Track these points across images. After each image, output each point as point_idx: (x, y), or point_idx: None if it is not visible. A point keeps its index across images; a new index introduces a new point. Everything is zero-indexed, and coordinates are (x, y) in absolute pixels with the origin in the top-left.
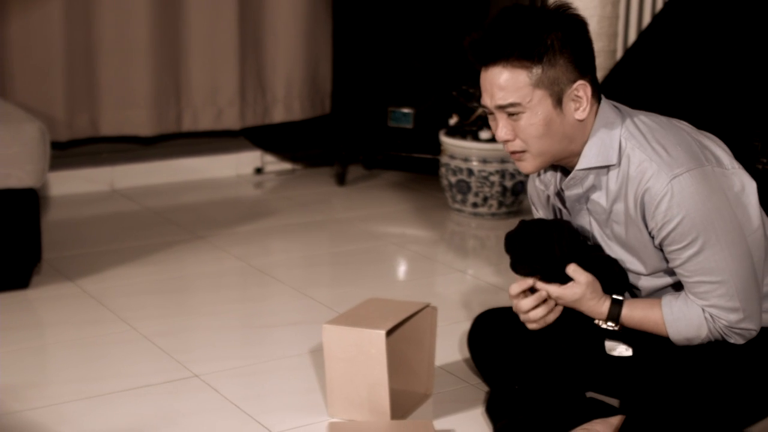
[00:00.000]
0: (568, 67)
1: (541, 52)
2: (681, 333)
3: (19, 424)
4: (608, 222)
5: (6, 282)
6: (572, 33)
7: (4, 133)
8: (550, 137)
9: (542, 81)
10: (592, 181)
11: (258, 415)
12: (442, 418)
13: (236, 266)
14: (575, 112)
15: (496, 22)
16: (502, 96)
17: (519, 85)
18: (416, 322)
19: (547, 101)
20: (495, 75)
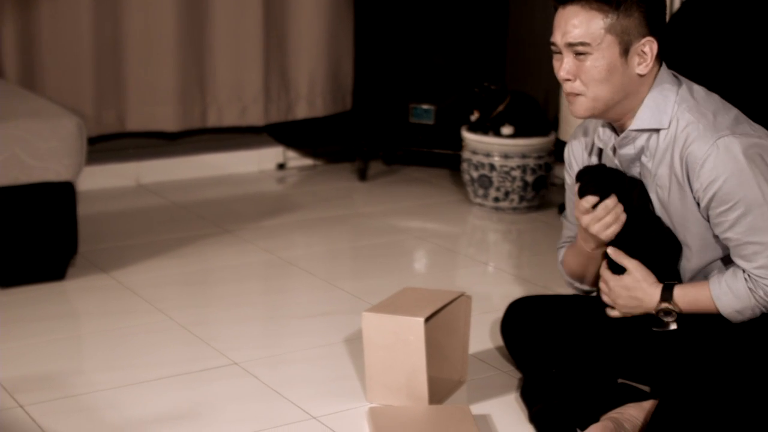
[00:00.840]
0: (641, 21)
1: (620, 1)
2: (731, 305)
3: (66, 409)
4: (652, 186)
5: (43, 273)
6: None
7: (43, 127)
8: (609, 84)
9: (614, 28)
10: (643, 142)
11: (298, 401)
12: (477, 404)
13: (265, 259)
14: (638, 66)
15: None
16: (574, 34)
17: (592, 27)
18: (451, 311)
19: (615, 48)
20: (571, 13)
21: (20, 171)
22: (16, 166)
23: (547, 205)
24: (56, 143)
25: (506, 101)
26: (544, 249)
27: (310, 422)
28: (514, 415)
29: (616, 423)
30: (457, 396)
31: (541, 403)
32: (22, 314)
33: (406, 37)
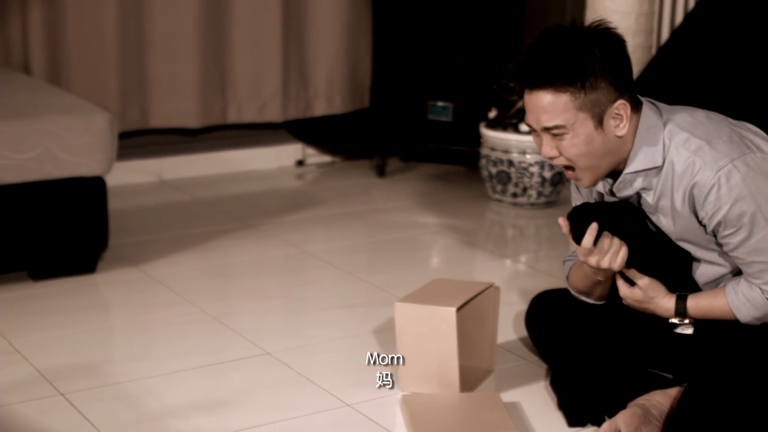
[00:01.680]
0: (608, 88)
1: (584, 77)
2: (750, 314)
3: (105, 397)
4: (656, 214)
5: (74, 266)
6: (611, 53)
7: (76, 123)
8: (592, 154)
9: (585, 105)
10: (641, 183)
11: (331, 389)
12: (506, 392)
13: (290, 252)
14: (615, 129)
15: (538, 47)
16: (546, 118)
17: (563, 109)
18: (480, 301)
19: (589, 122)
20: (539, 98)
21: (53, 166)
22: (49, 161)
23: (564, 201)
24: (89, 138)
25: None
26: (562, 244)
27: (344, 409)
28: (543, 403)
29: (644, 409)
30: (486, 385)
31: (569, 391)
32: (56, 306)
33: (424, 35)
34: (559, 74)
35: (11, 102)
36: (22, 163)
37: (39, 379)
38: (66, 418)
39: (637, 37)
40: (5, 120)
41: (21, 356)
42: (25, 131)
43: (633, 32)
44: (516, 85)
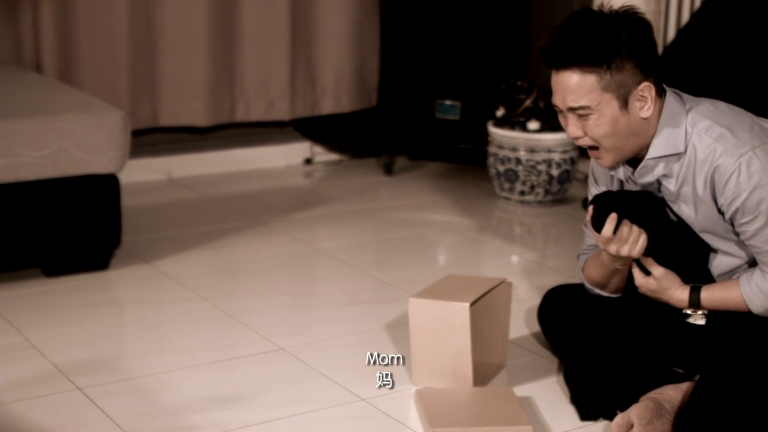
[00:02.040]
0: (634, 70)
1: (610, 58)
2: (762, 305)
3: (123, 391)
4: (677, 202)
5: (87, 263)
6: (638, 36)
7: (90, 121)
8: (617, 134)
9: (610, 85)
10: (662, 169)
11: (346, 384)
12: (518, 387)
13: (300, 250)
14: (640, 111)
15: (566, 28)
16: (572, 99)
17: (589, 89)
18: (493, 297)
19: (614, 103)
20: (566, 78)
21: (68, 163)
22: (63, 159)
23: (571, 199)
24: (102, 136)
25: (532, 96)
26: (569, 241)
27: (359, 404)
28: (555, 397)
29: (656, 403)
30: (498, 379)
31: (581, 385)
32: (70, 302)
33: (431, 34)
34: (586, 55)
35: (25, 100)
36: (37, 160)
37: (56, 374)
38: (84, 413)
39: None
40: (20, 118)
41: (38, 351)
42: (40, 129)
43: None
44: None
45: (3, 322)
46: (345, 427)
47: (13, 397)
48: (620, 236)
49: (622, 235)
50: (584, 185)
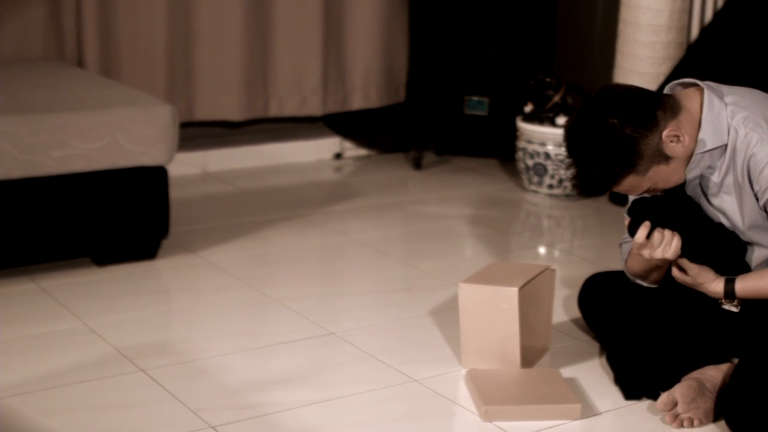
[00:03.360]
0: (648, 140)
1: (631, 161)
2: None
3: (185, 372)
4: (719, 195)
5: (136, 253)
6: (623, 114)
7: (140, 115)
8: (681, 171)
9: (646, 166)
10: (707, 161)
11: (398, 366)
12: (561, 369)
13: (340, 240)
14: (679, 146)
15: (579, 163)
16: (633, 193)
17: (637, 183)
18: (538, 282)
19: (661, 166)
20: (616, 190)
21: (119, 155)
22: (115, 151)
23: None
24: (153, 130)
25: (561, 93)
26: (596, 233)
27: (412, 384)
28: (598, 379)
29: (699, 382)
30: (541, 363)
31: (625, 367)
32: (123, 290)
33: (459, 31)
34: (611, 180)
35: (77, 95)
36: (90, 152)
37: (118, 356)
38: (150, 392)
39: (670, 33)
40: (75, 111)
41: (97, 335)
42: (94, 122)
43: (666, 28)
44: None
45: (60, 308)
46: (400, 406)
47: (78, 378)
48: (652, 242)
49: (654, 242)
50: None
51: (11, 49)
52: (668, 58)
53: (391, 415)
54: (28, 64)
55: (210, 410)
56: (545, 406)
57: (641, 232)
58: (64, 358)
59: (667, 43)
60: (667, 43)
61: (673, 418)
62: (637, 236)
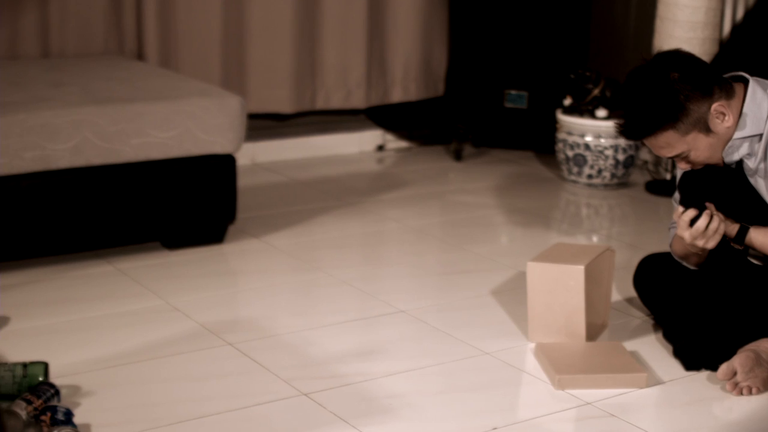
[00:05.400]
0: (698, 103)
1: (676, 113)
2: None
3: (270, 346)
4: (755, 176)
5: (205, 237)
6: (686, 72)
7: (211, 105)
8: (716, 152)
9: (688, 128)
10: (746, 149)
11: (468, 340)
12: (623, 343)
13: (395, 227)
14: (722, 124)
15: (627, 105)
16: (666, 152)
17: (674, 142)
18: (599, 262)
19: (700, 135)
20: (652, 143)
21: (192, 144)
22: (188, 139)
23: (634, 183)
24: (223, 119)
25: (600, 86)
26: (633, 221)
27: (485, 357)
28: (658, 352)
29: (756, 353)
30: (602, 337)
31: (683, 340)
32: (198, 271)
33: (497, 26)
34: (654, 124)
35: (149, 86)
36: (165, 140)
37: (204, 332)
38: (240, 363)
39: (706, 29)
40: (152, 102)
41: (181, 313)
42: (169, 112)
43: (702, 25)
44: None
45: (141, 288)
46: (476, 376)
47: (171, 351)
48: (697, 230)
49: (699, 229)
50: (646, 171)
51: (74, 43)
52: (704, 53)
53: (469, 384)
54: (92, 58)
55: (300, 380)
56: (614, 375)
57: (689, 213)
58: (154, 333)
59: (702, 39)
60: (703, 39)
61: (733, 387)
62: (685, 216)
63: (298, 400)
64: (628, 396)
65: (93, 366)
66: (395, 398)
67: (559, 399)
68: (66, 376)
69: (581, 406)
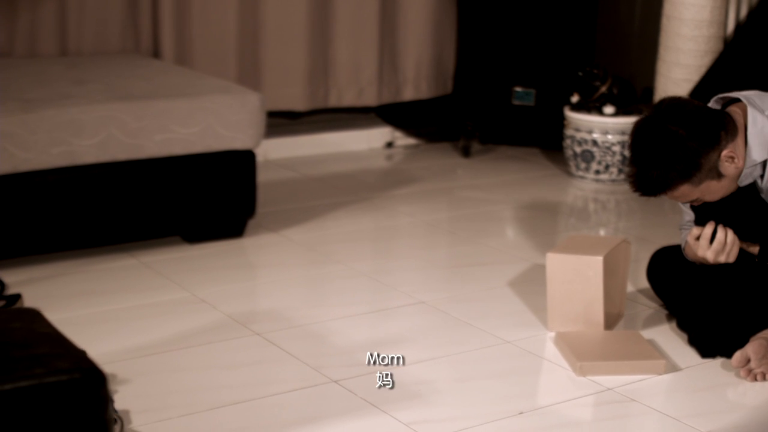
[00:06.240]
0: (708, 154)
1: (690, 171)
2: None
3: (297, 336)
4: (766, 192)
5: (225, 231)
6: (693, 128)
7: (232, 102)
8: (729, 188)
9: (701, 178)
10: (759, 170)
11: (488, 329)
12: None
13: (409, 222)
14: (732, 166)
15: (639, 163)
16: (681, 200)
17: (688, 192)
18: (616, 253)
19: (713, 182)
20: (669, 195)
21: (213, 139)
22: (210, 135)
23: None
24: (244, 115)
25: (608, 84)
26: (640, 216)
27: (506, 345)
28: (673, 340)
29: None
30: (618, 327)
31: (698, 329)
32: (218, 264)
33: (505, 25)
34: (669, 183)
35: (170, 84)
36: (188, 136)
37: (232, 322)
38: (270, 352)
39: (711, 27)
40: (175, 99)
41: (208, 304)
42: (192, 109)
43: (708, 23)
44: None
45: (166, 281)
46: (500, 363)
47: (201, 340)
48: (716, 248)
49: (717, 247)
50: None
51: (91, 42)
52: (709, 51)
53: (492, 371)
54: (109, 56)
55: (329, 367)
56: (633, 362)
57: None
58: (183, 323)
59: (708, 37)
60: (708, 36)
61: (747, 373)
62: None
63: (328, 387)
64: (646, 382)
65: (126, 355)
66: (423, 384)
67: (581, 385)
68: (101, 365)
69: (602, 391)
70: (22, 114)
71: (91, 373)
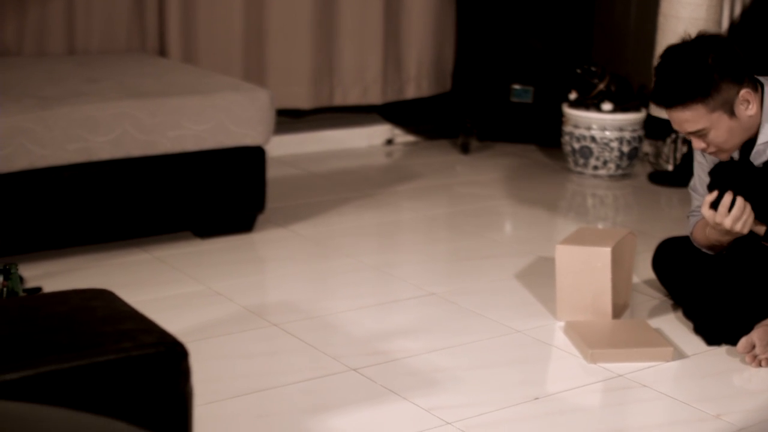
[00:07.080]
0: (730, 85)
1: (707, 88)
2: None
3: (314, 327)
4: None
5: (235, 226)
6: (723, 55)
7: (243, 99)
8: (733, 137)
9: (715, 106)
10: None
11: (499, 320)
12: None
13: (413, 216)
14: (746, 111)
15: (663, 71)
16: (689, 126)
17: (699, 117)
18: (622, 244)
19: (724, 116)
20: (678, 114)
21: (224, 136)
22: (221, 132)
23: (637, 175)
24: (253, 112)
25: (605, 81)
26: (637, 210)
27: (517, 334)
28: (679, 329)
29: None
30: (625, 316)
31: (703, 318)
32: (230, 259)
33: (504, 23)
34: (687, 94)
35: (180, 81)
36: (200, 133)
37: (249, 314)
38: (288, 342)
39: (707, 26)
40: (187, 96)
41: (224, 297)
42: (203, 105)
43: (704, 22)
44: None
45: (180, 274)
46: (512, 352)
47: (219, 331)
48: (734, 215)
49: (735, 214)
50: (647, 163)
51: (98, 40)
52: None
53: (506, 359)
54: (116, 55)
55: (346, 356)
56: (642, 349)
57: (727, 199)
58: (201, 315)
59: None
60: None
61: (752, 359)
62: (722, 206)
63: (348, 375)
64: (655, 369)
65: None
66: (440, 372)
67: (592, 372)
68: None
69: (613, 378)
70: (39, 111)
71: (175, 347)
